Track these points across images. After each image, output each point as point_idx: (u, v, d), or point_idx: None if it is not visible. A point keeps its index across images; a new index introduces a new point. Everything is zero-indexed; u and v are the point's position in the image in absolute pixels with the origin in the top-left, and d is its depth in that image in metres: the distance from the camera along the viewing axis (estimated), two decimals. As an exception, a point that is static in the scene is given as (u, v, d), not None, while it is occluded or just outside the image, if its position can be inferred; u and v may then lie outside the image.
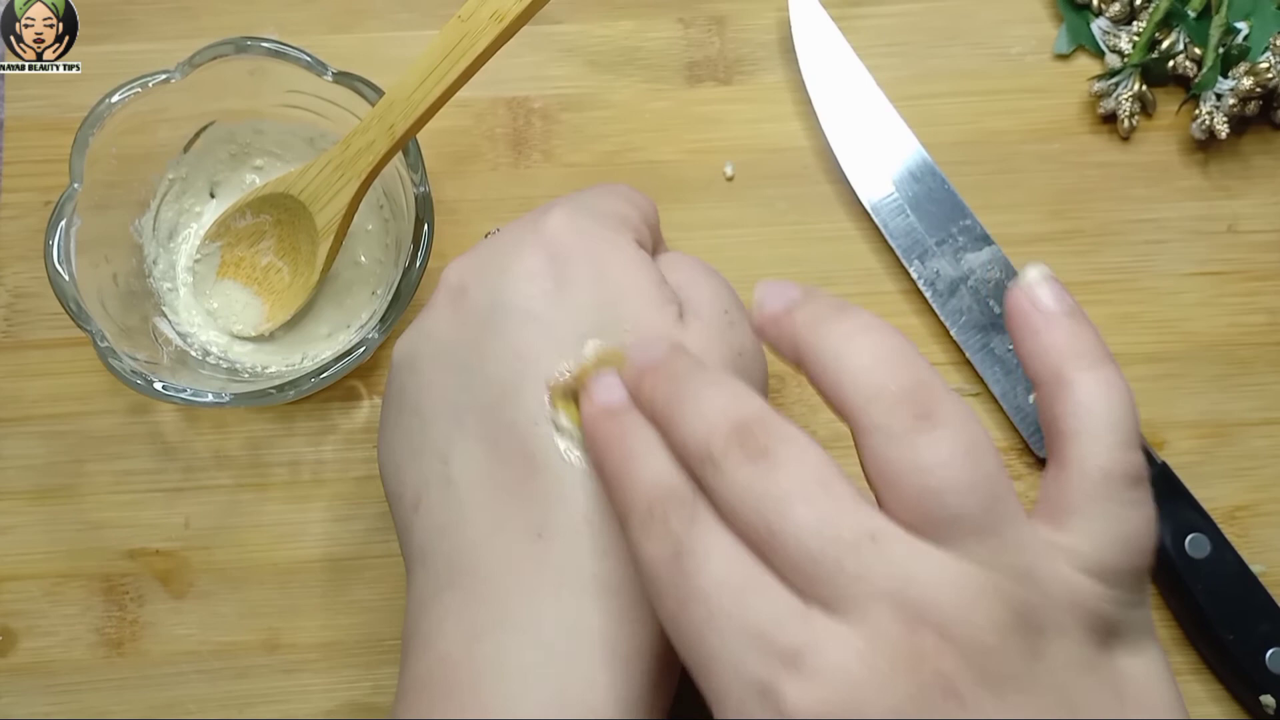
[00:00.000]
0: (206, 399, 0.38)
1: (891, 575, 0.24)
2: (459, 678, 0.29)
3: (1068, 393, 0.27)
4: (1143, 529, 0.27)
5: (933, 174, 0.45)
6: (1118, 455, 0.27)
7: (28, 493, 0.44)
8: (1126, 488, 0.27)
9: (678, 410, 0.26)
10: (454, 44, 0.37)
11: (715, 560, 0.25)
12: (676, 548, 0.25)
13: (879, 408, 0.25)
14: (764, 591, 0.24)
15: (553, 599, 0.29)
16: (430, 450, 0.32)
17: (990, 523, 0.25)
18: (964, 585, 0.24)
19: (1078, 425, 0.27)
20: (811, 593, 0.24)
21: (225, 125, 0.43)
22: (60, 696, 0.42)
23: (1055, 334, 0.28)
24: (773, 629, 0.23)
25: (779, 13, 0.48)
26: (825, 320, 0.27)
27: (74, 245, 0.39)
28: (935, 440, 0.25)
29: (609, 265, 0.32)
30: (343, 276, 0.44)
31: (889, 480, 0.25)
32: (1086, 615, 0.25)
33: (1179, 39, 0.47)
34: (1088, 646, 0.25)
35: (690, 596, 0.24)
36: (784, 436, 0.25)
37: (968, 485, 0.24)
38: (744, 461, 0.25)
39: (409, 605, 0.32)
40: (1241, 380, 0.45)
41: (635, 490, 0.26)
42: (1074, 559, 0.26)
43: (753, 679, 0.23)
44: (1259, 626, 0.41)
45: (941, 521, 0.24)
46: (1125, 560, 0.26)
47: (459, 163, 0.47)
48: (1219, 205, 0.47)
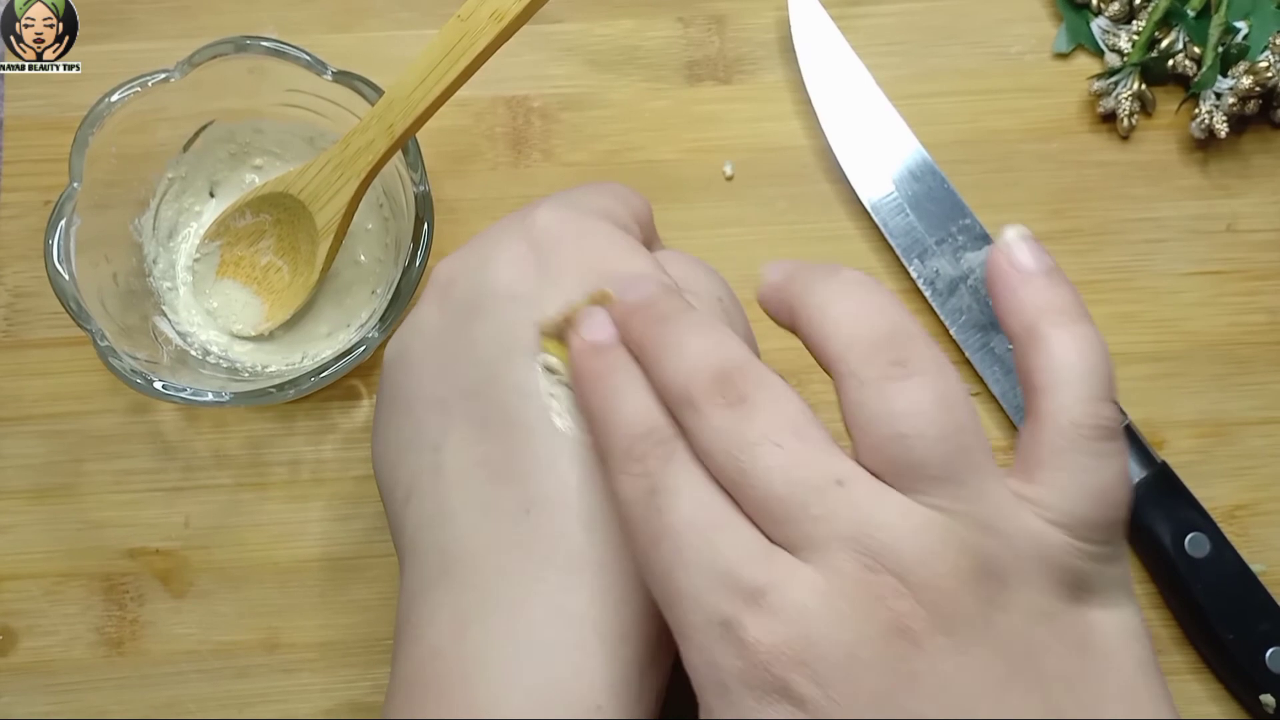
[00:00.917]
0: (206, 398, 0.38)
1: (854, 519, 0.24)
2: (447, 672, 0.29)
3: (1042, 347, 0.28)
4: (1114, 481, 0.27)
5: (932, 173, 0.45)
6: (1089, 408, 0.27)
7: (27, 492, 0.44)
8: (1097, 439, 0.27)
9: (663, 351, 0.27)
10: (453, 43, 0.38)
11: (686, 498, 0.25)
12: (651, 485, 0.26)
13: (855, 354, 0.26)
14: (732, 530, 0.25)
15: (539, 580, 0.29)
16: (422, 442, 0.32)
17: (957, 472, 0.25)
18: (925, 531, 0.24)
19: (1051, 379, 0.27)
20: (777, 534, 0.25)
21: (225, 124, 0.43)
22: (60, 696, 0.42)
23: (1031, 291, 0.28)
24: (737, 566, 0.24)
25: (779, 12, 0.48)
26: (816, 279, 0.28)
27: (74, 245, 0.39)
28: (908, 388, 0.25)
29: (595, 252, 0.32)
30: (342, 275, 0.44)
31: (861, 426, 0.25)
32: (1053, 567, 0.26)
33: (1178, 38, 0.47)
34: (1053, 598, 0.25)
35: (661, 533, 0.25)
36: (763, 383, 0.26)
37: (937, 434, 0.25)
38: (722, 406, 0.26)
39: (400, 601, 0.32)
40: (1241, 380, 0.45)
41: (617, 427, 0.27)
42: (1042, 510, 0.26)
43: (715, 614, 0.24)
44: (1259, 626, 0.41)
45: (908, 468, 0.25)
46: (1095, 512, 0.26)
47: (458, 162, 0.47)
48: (1218, 204, 0.47)
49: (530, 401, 0.30)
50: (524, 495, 0.30)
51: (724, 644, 0.24)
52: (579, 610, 0.29)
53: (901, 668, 0.24)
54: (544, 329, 0.31)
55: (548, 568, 0.29)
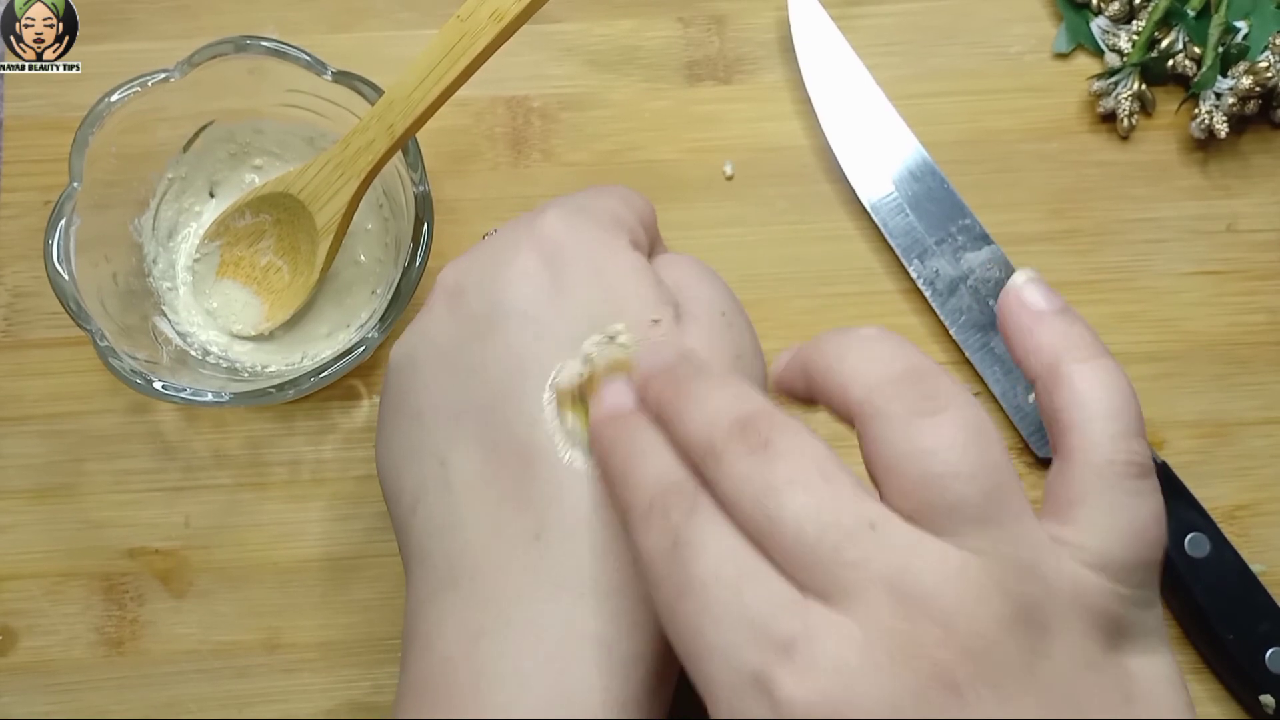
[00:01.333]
0: (206, 398, 0.38)
1: (890, 563, 0.23)
2: (458, 680, 0.29)
3: (1065, 385, 0.27)
4: (1150, 520, 0.26)
5: (932, 173, 0.45)
6: (1121, 444, 0.26)
7: (28, 492, 0.44)
8: (1131, 477, 0.26)
9: (682, 409, 0.26)
10: (453, 43, 0.38)
11: (712, 550, 0.24)
12: (675, 538, 0.25)
13: (881, 394, 0.25)
14: (761, 581, 0.24)
15: (551, 602, 0.29)
16: (428, 452, 0.32)
17: (993, 513, 0.24)
18: (965, 575, 0.23)
19: (1079, 416, 0.27)
20: (809, 582, 0.24)
21: (224, 124, 0.43)
22: (60, 696, 0.42)
23: (1047, 331, 0.28)
24: (768, 618, 0.23)
25: (779, 12, 0.48)
26: (826, 338, 0.27)
27: (74, 245, 0.39)
28: (939, 424, 0.24)
29: (605, 267, 0.32)
30: (342, 276, 0.44)
31: (889, 466, 0.25)
32: (1093, 612, 0.25)
33: (1178, 38, 0.47)
34: (1094, 645, 0.25)
35: (686, 587, 0.24)
36: (785, 428, 0.25)
37: (970, 471, 0.24)
38: (745, 453, 0.25)
39: (408, 606, 0.32)
40: (1241, 380, 0.45)
41: (638, 487, 0.26)
42: (1079, 553, 0.25)
43: (747, 670, 0.23)
44: (1259, 626, 0.41)
45: (942, 509, 0.24)
46: (1133, 553, 0.26)
47: (458, 162, 0.47)
48: (1218, 204, 0.47)
49: (538, 430, 0.30)
50: (533, 522, 0.30)
51: (755, 700, 0.23)
52: (593, 631, 0.29)
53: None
54: (561, 394, 0.31)
55: (561, 590, 0.29)
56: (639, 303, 0.32)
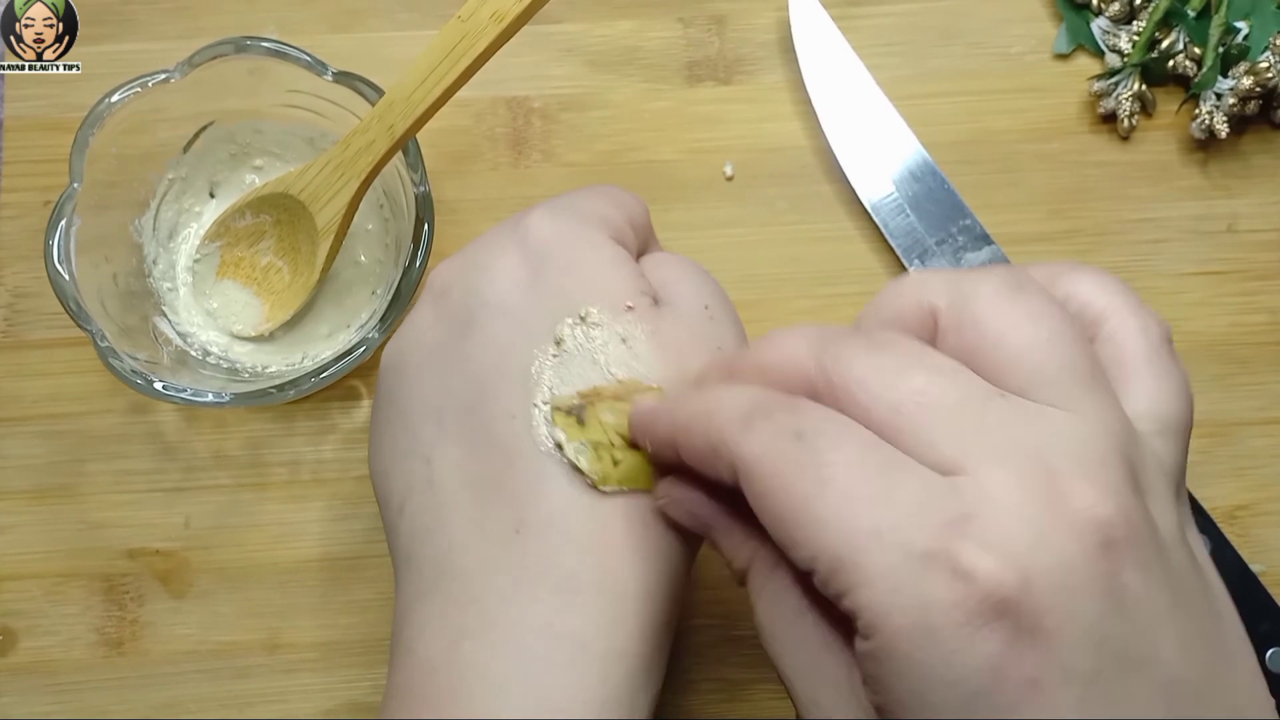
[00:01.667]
0: (206, 399, 0.38)
1: (1028, 430, 0.23)
2: (439, 685, 0.29)
3: (1073, 289, 0.28)
4: (1186, 380, 0.27)
5: (933, 173, 0.45)
6: (1149, 318, 0.27)
7: (28, 492, 0.44)
8: (1166, 340, 0.27)
9: (757, 362, 0.27)
10: (454, 44, 0.38)
11: (848, 437, 0.24)
12: (797, 429, 0.24)
13: (970, 279, 0.26)
14: (906, 464, 0.23)
15: (531, 601, 0.29)
16: (414, 452, 0.32)
17: (1096, 374, 0.25)
18: (1095, 440, 0.24)
19: (1101, 305, 0.27)
20: (951, 460, 0.23)
21: (225, 125, 0.43)
22: (60, 696, 0.42)
23: (1033, 269, 0.29)
24: (929, 496, 0.23)
25: (779, 12, 0.48)
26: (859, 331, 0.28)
27: (74, 245, 0.39)
28: (1029, 297, 0.25)
29: (582, 260, 0.32)
30: (343, 276, 0.44)
31: (988, 347, 0.25)
32: (1171, 481, 0.26)
33: (1179, 38, 0.47)
34: (1177, 514, 0.25)
35: (828, 475, 0.23)
36: (874, 330, 0.26)
37: (1071, 334, 0.25)
38: (853, 352, 0.25)
39: (396, 609, 0.32)
40: (1241, 380, 0.45)
41: (728, 407, 0.26)
42: (1148, 421, 0.26)
43: (918, 548, 0.22)
44: (1259, 626, 0.41)
45: (1052, 372, 0.24)
46: (1186, 413, 0.27)
47: (459, 162, 0.47)
48: (1218, 205, 0.47)
49: (518, 424, 0.30)
50: (513, 516, 0.30)
51: (934, 576, 0.22)
52: (571, 630, 0.29)
53: (1111, 584, 0.22)
54: (557, 405, 0.30)
55: (540, 588, 0.29)
56: (614, 291, 0.32)
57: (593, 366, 0.31)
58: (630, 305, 0.32)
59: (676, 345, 0.31)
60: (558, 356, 0.31)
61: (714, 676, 0.42)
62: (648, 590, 0.30)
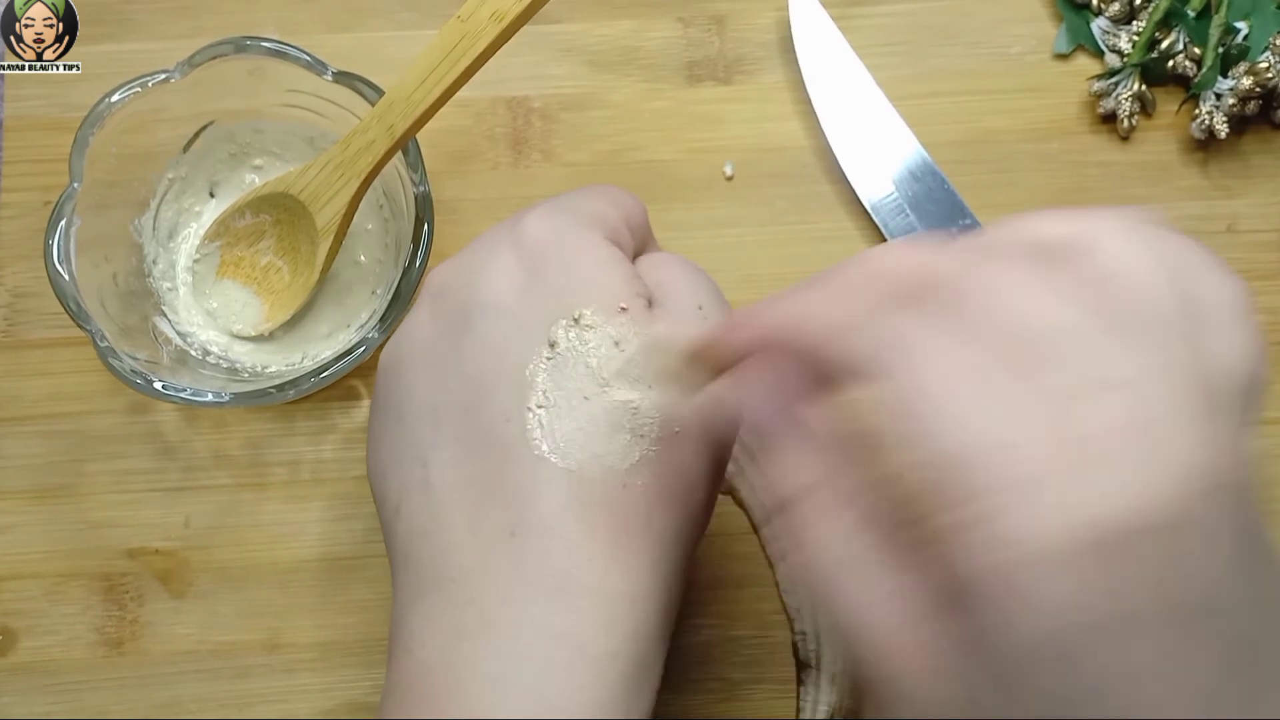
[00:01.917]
0: (206, 399, 0.38)
1: (1150, 360, 0.24)
2: (435, 686, 0.29)
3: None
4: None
5: (933, 173, 0.45)
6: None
7: (28, 492, 0.44)
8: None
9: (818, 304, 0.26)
10: (454, 44, 0.38)
11: (988, 344, 0.23)
12: (931, 325, 0.23)
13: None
14: (1044, 382, 0.23)
15: (528, 602, 0.29)
16: (411, 454, 0.32)
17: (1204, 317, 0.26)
18: (1221, 377, 0.26)
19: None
20: (1075, 386, 0.23)
21: (225, 125, 0.43)
22: (60, 696, 0.42)
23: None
24: (1062, 417, 0.22)
25: (779, 12, 0.48)
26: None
27: (74, 245, 0.39)
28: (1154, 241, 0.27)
29: (577, 260, 0.32)
30: (343, 276, 0.44)
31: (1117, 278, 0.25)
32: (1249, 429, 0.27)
33: (1178, 38, 0.47)
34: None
35: (968, 378, 0.22)
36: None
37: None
38: (997, 263, 0.24)
39: (393, 610, 0.32)
40: (1241, 380, 0.45)
41: (849, 304, 0.25)
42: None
43: (1059, 469, 0.22)
44: (1258, 626, 0.41)
45: (1169, 314, 0.25)
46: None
47: (459, 162, 0.47)
48: (1218, 205, 0.47)
49: (513, 427, 0.30)
50: (509, 518, 0.30)
51: (1065, 499, 0.21)
52: (566, 630, 0.29)
53: (1232, 528, 0.24)
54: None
55: (537, 589, 0.29)
56: (608, 293, 0.32)
57: (585, 369, 0.31)
58: (624, 307, 0.32)
59: (670, 346, 0.31)
60: (551, 359, 0.31)
61: (714, 676, 0.42)
62: (644, 591, 0.30)
